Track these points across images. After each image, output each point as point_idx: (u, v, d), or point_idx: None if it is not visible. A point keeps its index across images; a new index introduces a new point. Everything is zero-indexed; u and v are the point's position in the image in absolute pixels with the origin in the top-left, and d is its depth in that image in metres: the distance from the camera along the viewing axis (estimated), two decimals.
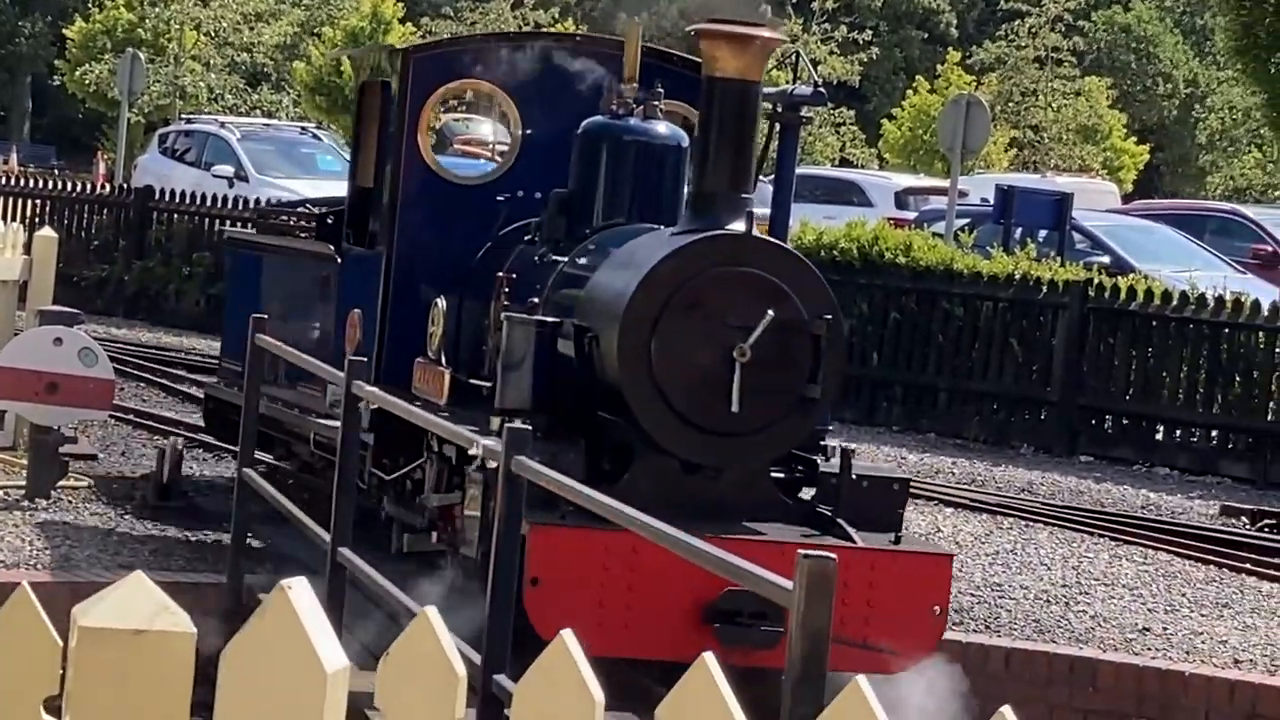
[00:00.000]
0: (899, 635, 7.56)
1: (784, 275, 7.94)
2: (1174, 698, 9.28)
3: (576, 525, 7.31)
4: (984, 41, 46.69)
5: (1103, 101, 44.62)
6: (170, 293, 23.36)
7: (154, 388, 16.75)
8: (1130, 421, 17.44)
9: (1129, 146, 46.30)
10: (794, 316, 7.88)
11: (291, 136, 31.04)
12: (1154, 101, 59.42)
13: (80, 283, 22.72)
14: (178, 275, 23.35)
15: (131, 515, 10.93)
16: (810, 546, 7.38)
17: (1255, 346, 16.86)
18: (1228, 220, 26.91)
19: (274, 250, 11.75)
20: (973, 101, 24.89)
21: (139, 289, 23.58)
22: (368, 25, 39.92)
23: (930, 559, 7.91)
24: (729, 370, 7.80)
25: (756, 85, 8.13)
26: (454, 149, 11.30)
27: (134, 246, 23.85)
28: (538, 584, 7.34)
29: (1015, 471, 16.08)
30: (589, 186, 9.11)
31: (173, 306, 23.20)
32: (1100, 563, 12.04)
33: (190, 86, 39.85)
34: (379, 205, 10.18)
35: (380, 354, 9.76)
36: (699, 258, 7.92)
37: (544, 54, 10.04)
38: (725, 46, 8.04)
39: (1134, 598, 11.02)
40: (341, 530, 7.96)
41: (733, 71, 8.04)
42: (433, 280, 9.69)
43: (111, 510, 11.00)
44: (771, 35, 8.14)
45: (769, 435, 7.98)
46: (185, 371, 17.88)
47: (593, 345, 8.12)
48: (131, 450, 13.07)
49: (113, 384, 11.29)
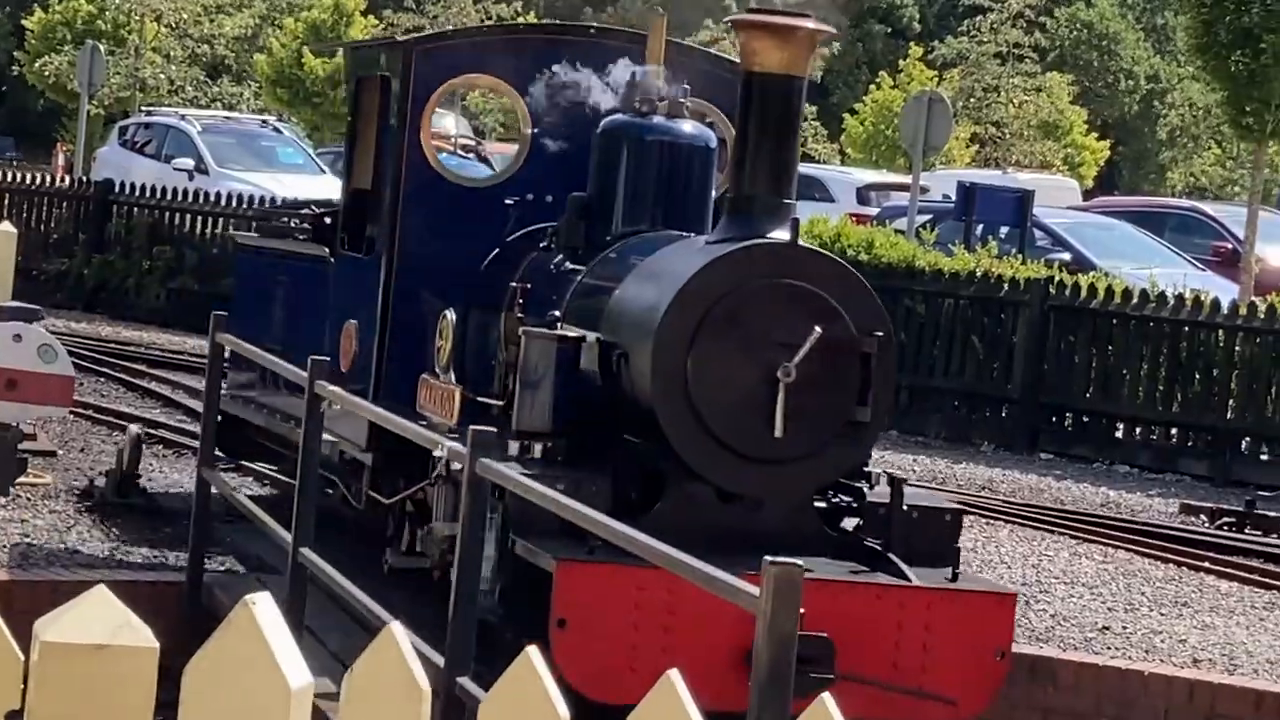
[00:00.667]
0: (958, 682, 7.01)
1: (832, 288, 7.33)
2: (1133, 697, 9.30)
3: (607, 561, 6.65)
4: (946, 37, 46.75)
5: (1064, 98, 44.77)
6: (130, 287, 23.26)
7: (114, 383, 16.68)
8: (1090, 419, 17.51)
9: (1090, 143, 46.48)
10: (843, 334, 7.28)
11: (252, 129, 30.91)
12: (1115, 98, 59.64)
13: (40, 277, 22.63)
14: (138, 269, 23.26)
15: (91, 512, 10.89)
16: (860, 585, 7.04)
17: (1215, 345, 16.93)
18: (1187, 217, 26.99)
19: (272, 254, 11.14)
20: (935, 98, 24.92)
21: (99, 283, 23.47)
22: (330, 17, 39.81)
23: (992, 598, 7.25)
24: (772, 392, 7.20)
25: (800, 80, 7.53)
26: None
27: (94, 240, 23.75)
28: (565, 626, 6.74)
29: (976, 469, 16.12)
30: (609, 190, 8.50)
31: (133, 301, 23.11)
32: (1060, 561, 12.07)
33: (150, 78, 39.66)
34: (377, 209, 9.55)
35: (380, 369, 9.20)
36: (739, 269, 7.31)
37: (556, 48, 9.46)
38: (767, 38, 7.42)
39: (1094, 596, 11.04)
40: (304, 531, 7.92)
41: (775, 66, 7.43)
42: (436, 289, 9.06)
43: (70, 508, 10.95)
44: (817, 26, 7.50)
45: (815, 463, 7.39)
46: (146, 366, 17.82)
47: (621, 364, 7.51)
48: (91, 446, 13.01)
49: (72, 380, 11.24)
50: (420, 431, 7.40)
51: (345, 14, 39.67)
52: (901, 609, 6.99)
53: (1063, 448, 17.41)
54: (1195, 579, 11.99)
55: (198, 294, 22.30)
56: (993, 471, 16.07)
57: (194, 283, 22.81)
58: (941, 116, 24.28)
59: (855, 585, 7.04)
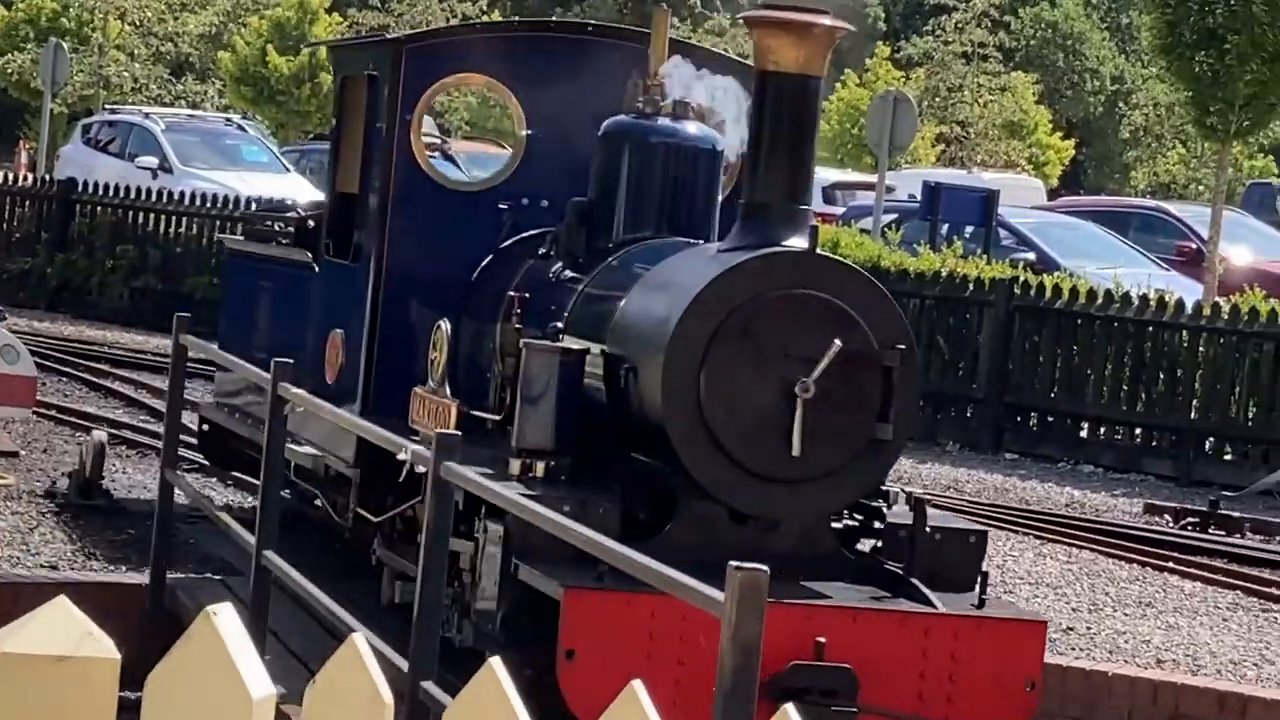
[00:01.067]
0: (986, 715, 6.71)
1: (852, 299, 6.99)
2: (1098, 698, 9.32)
3: (617, 589, 6.30)
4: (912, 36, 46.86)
5: (1029, 97, 44.91)
6: (93, 286, 23.22)
7: (77, 383, 16.63)
8: (1055, 419, 17.56)
9: (1054, 142, 46.63)
10: (863, 347, 6.94)
11: (216, 128, 30.85)
12: (1079, 97, 59.82)
13: (2, 276, 22.55)
14: (101, 268, 23.21)
15: (53, 513, 10.84)
16: (884, 612, 6.74)
17: (1179, 345, 16.99)
18: (1151, 217, 27.08)
19: (257, 259, 10.84)
20: (900, 98, 24.97)
21: (61, 282, 23.41)
22: (294, 15, 39.71)
23: (1022, 626, 6.91)
24: (789, 408, 6.88)
25: (818, 80, 7.20)
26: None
27: (56, 239, 23.68)
28: (573, 657, 6.40)
29: (941, 469, 16.16)
30: (611, 195, 8.16)
31: (95, 300, 23.06)
32: (1025, 561, 12.09)
33: (114, 76, 39.56)
34: (364, 214, 9.21)
35: (369, 381, 8.90)
36: (755, 278, 6.97)
37: (551, 45, 9.22)
38: (783, 36, 7.07)
39: (1058, 597, 11.07)
40: (267, 533, 7.89)
41: (791, 65, 7.07)
42: (426, 298, 8.80)
43: (33, 509, 10.90)
44: (834, 23, 7.17)
45: (834, 482, 7.06)
46: (109, 366, 17.77)
47: (629, 378, 7.20)
48: (54, 447, 12.95)
49: (35, 381, 11.22)
50: (386, 435, 7.29)
51: (310, 11, 39.58)
52: (926, 637, 6.69)
53: (1027, 448, 17.46)
54: (1159, 579, 12.03)
55: (161, 293, 22.27)
56: (958, 471, 16.10)
57: (158, 282, 22.77)
58: (907, 116, 24.33)
59: (879, 613, 6.76)
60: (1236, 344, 16.71)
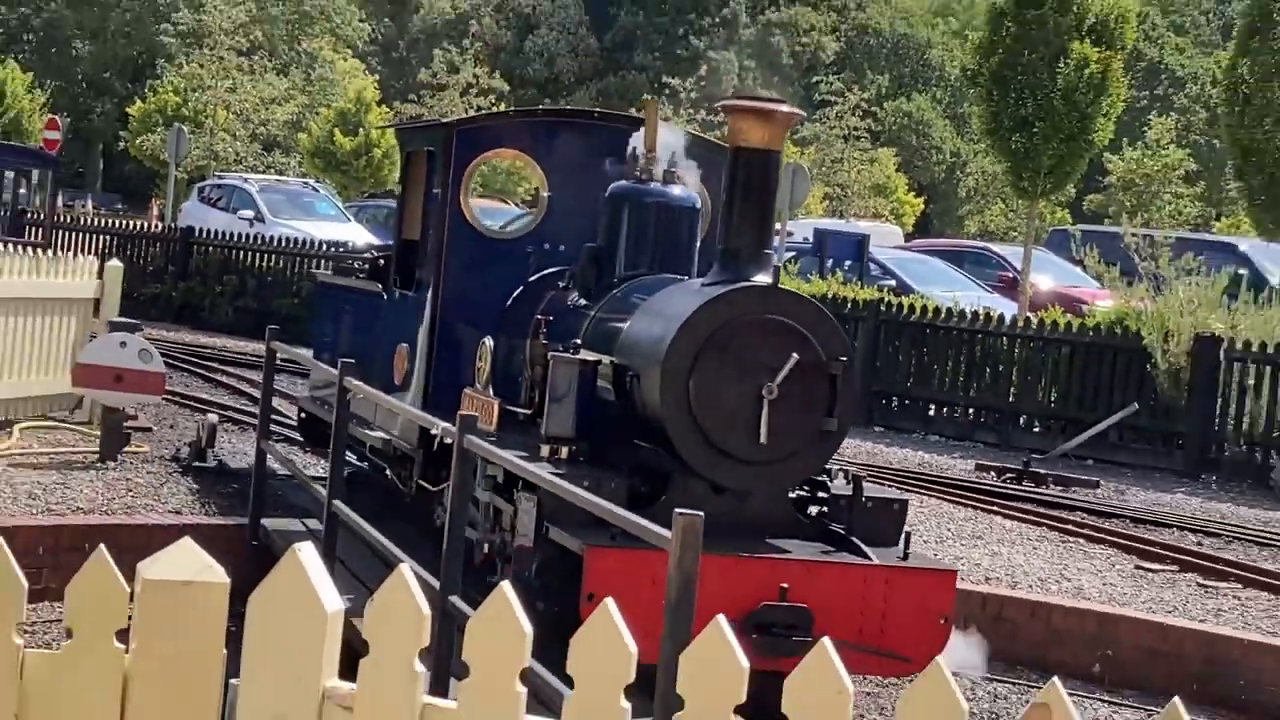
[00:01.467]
0: (911, 643, 6.53)
1: (806, 322, 6.84)
2: None
3: (626, 547, 6.20)
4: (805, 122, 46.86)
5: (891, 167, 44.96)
6: (206, 305, 23.15)
7: (194, 377, 16.54)
8: (910, 402, 17.60)
9: (909, 199, 46.69)
10: (814, 358, 6.80)
11: (297, 189, 30.72)
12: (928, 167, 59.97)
13: (139, 298, 22.42)
14: (212, 293, 23.17)
15: (178, 473, 10.79)
16: (833, 564, 6.58)
17: (1000, 348, 17.10)
18: (981, 254, 27.14)
19: (340, 289, 10.68)
20: (797, 168, 25.02)
21: (183, 303, 23.33)
22: (353, 106, 39.55)
23: (937, 574, 6.71)
24: (758, 406, 6.74)
25: (778, 154, 7.07)
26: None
27: (179, 271, 23.60)
28: (593, 599, 6.23)
29: None
30: (615, 241, 8.02)
31: (208, 316, 22.99)
32: None
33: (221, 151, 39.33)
34: (424, 255, 9.10)
35: (428, 384, 8.74)
36: (731, 306, 6.81)
37: (567, 128, 9.06)
38: (751, 119, 6.94)
39: (914, 532, 11.05)
40: (336, 487, 7.83)
41: (757, 142, 6.95)
42: (472, 320, 8.61)
43: (162, 469, 10.85)
44: (791, 110, 7.04)
45: (793, 464, 6.89)
46: (218, 364, 17.68)
47: (633, 383, 7.04)
48: (178, 424, 12.89)
49: (164, 375, 11.14)
50: (420, 415, 7.24)
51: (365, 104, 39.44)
52: (865, 583, 6.55)
53: (890, 423, 17.51)
54: (987, 519, 12.06)
55: (256, 311, 22.18)
56: (844, 441, 16.07)
57: (254, 303, 22.69)
58: (802, 181, 24.37)
59: (828, 564, 6.62)
60: (1042, 347, 16.79)
